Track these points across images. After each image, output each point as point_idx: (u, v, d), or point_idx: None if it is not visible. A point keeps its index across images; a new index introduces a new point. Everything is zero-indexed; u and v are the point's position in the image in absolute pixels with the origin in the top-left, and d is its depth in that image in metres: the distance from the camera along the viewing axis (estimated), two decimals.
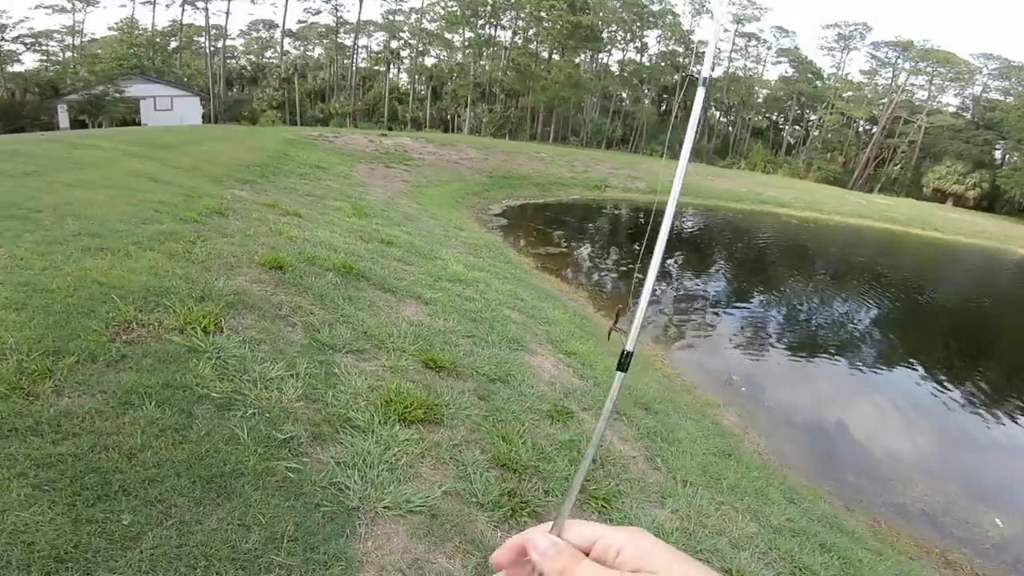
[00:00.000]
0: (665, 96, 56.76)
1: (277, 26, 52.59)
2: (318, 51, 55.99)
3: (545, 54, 49.26)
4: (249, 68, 52.61)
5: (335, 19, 50.45)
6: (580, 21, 43.82)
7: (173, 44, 46.27)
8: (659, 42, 54.39)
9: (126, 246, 3.59)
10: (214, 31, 48.29)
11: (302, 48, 55.53)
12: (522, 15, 47.66)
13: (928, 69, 49.21)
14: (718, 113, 58.67)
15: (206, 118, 37.23)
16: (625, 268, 13.49)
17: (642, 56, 54.28)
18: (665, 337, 9.27)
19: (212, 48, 48.80)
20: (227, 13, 47.20)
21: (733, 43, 54.94)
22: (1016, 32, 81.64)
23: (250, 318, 3.11)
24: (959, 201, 45.53)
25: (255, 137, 17.34)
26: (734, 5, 52.41)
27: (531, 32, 48.34)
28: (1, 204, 4.03)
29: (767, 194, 33.22)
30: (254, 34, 55.96)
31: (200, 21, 47.16)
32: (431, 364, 3.35)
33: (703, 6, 53.47)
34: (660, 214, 0.52)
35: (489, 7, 46.24)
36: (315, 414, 2.50)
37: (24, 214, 3.88)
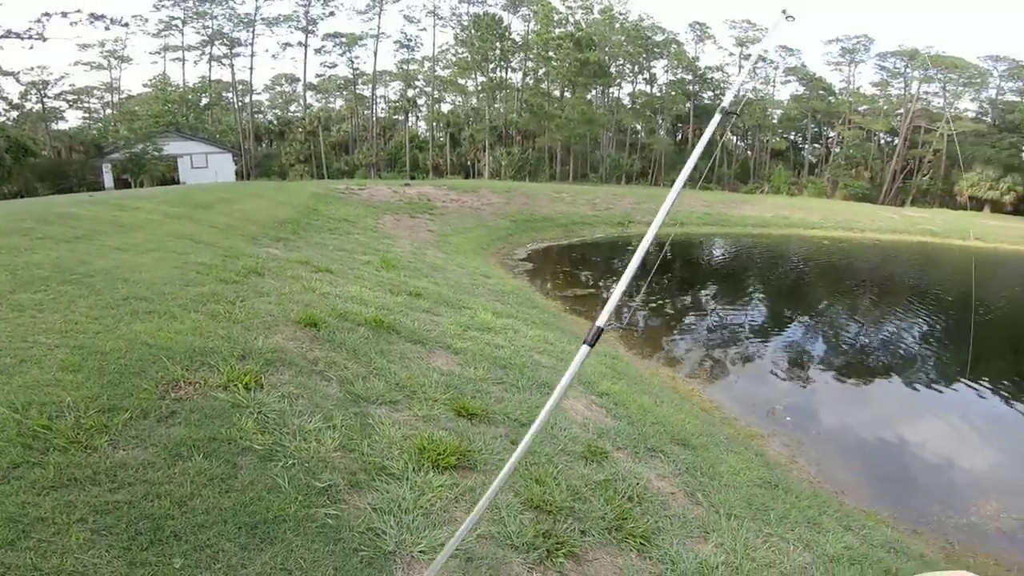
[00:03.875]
0: (680, 125, 57.24)
1: (299, 80, 55.33)
2: (339, 103, 58.66)
3: (557, 92, 50.59)
4: (275, 122, 54.91)
5: (352, 71, 52.88)
6: (588, 57, 44.97)
7: (204, 100, 48.87)
8: (667, 71, 55.28)
9: (172, 308, 3.79)
10: (240, 86, 51.10)
11: (323, 100, 58.32)
12: (531, 56, 49.35)
13: (939, 76, 48.54)
14: (735, 138, 58.68)
15: (238, 174, 38.75)
16: (655, 304, 13.36)
17: (652, 87, 55.23)
18: (702, 370, 9.08)
19: (240, 103, 51.62)
20: (251, 68, 49.90)
21: (739, 67, 55.55)
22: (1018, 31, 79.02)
23: (288, 374, 3.25)
24: (996, 207, 43.91)
25: (285, 193, 18.05)
26: (736, 28, 53.49)
27: (541, 72, 49.86)
28: (57, 269, 4.29)
29: (795, 217, 32.74)
30: (278, 88, 59.07)
31: (227, 77, 50.17)
32: (463, 412, 3.41)
33: (705, 32, 54.52)
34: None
35: (498, 51, 48.06)
36: (352, 463, 2.58)
37: (78, 279, 4.11)
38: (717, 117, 1.80)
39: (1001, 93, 50.03)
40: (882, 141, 54.00)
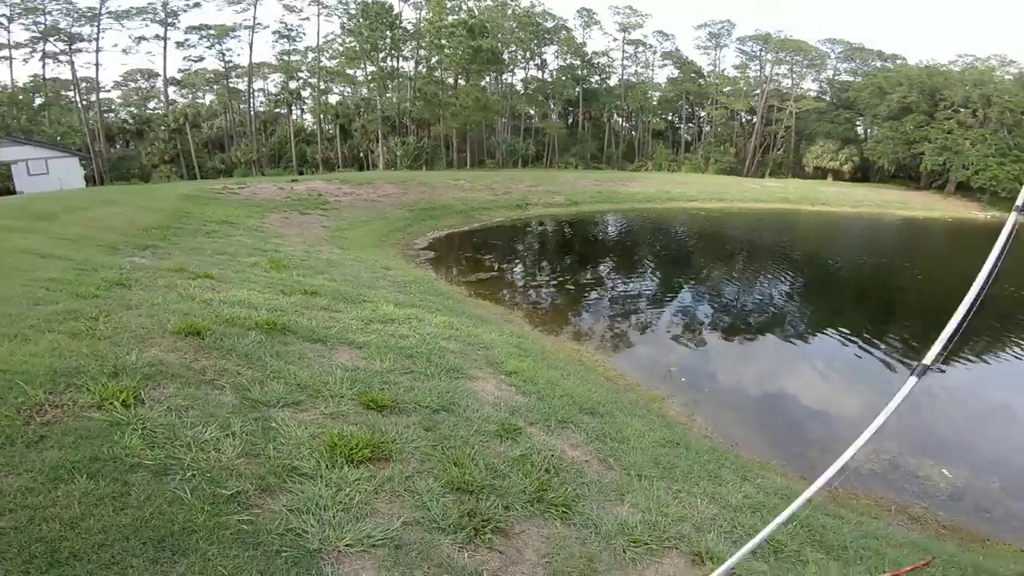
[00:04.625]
0: (570, 109, 59.17)
1: (158, 75, 49.50)
2: (209, 98, 53.45)
3: (451, 80, 49.97)
4: (132, 121, 48.89)
5: (223, 64, 48.36)
6: (480, 45, 44.88)
7: (38, 100, 42.41)
8: (557, 57, 56.69)
9: (22, 330, 3.34)
10: (84, 84, 44.69)
11: (190, 96, 52.82)
12: (423, 44, 48.17)
13: (787, 58, 54.68)
14: (620, 119, 61.91)
15: (90, 179, 34.33)
16: (556, 282, 13.80)
17: (543, 72, 56.43)
18: (603, 342, 9.57)
19: (85, 102, 45.24)
20: (97, 65, 43.57)
21: (623, 51, 58.61)
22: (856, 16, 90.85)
23: (172, 387, 2.99)
24: (837, 176, 50.63)
25: (149, 196, 16.38)
26: (619, 15, 56.16)
27: (434, 60, 48.88)
28: None
29: (675, 191, 35.37)
30: (132, 85, 52.36)
31: (65, 75, 43.63)
32: (372, 405, 3.34)
33: (591, 19, 56.64)
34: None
35: (389, 39, 46.35)
36: (258, 468, 2.46)
37: None
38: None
39: (837, 73, 57.43)
40: (744, 120, 59.69)
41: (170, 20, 44.39)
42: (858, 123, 53.74)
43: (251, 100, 50.45)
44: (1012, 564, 4.06)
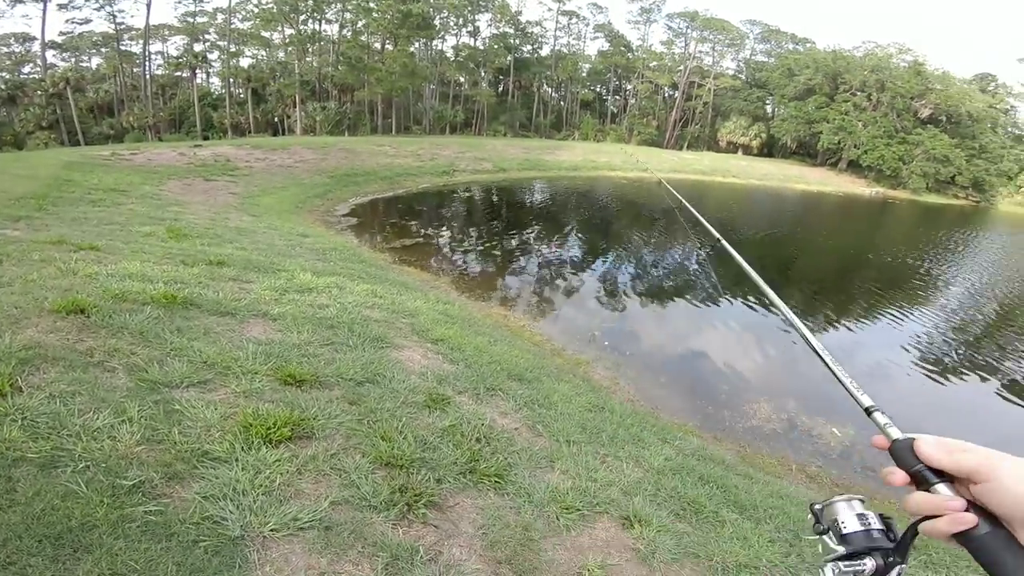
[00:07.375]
0: (501, 77, 58.26)
1: (35, 39, 43.76)
2: (96, 61, 47.88)
3: (377, 45, 47.33)
4: (3, 87, 43.34)
5: (114, 27, 43.18)
6: (411, 10, 42.70)
7: None
8: (490, 25, 55.46)
9: None
10: None
11: (73, 60, 46.98)
12: (349, 7, 45.04)
13: (710, 37, 56.97)
14: (550, 89, 61.88)
15: None
16: (483, 248, 13.74)
17: (475, 40, 55.00)
18: (529, 307, 9.68)
19: None
20: None
21: (557, 21, 58.21)
22: None
23: (54, 372, 2.65)
24: (747, 150, 54.01)
25: (24, 164, 14.42)
26: None
27: (360, 24, 45.97)
28: None
29: (600, 160, 36.14)
30: (4, 49, 46.12)
31: None
32: (290, 380, 3.14)
33: None
34: None
35: (311, 1, 42.92)
36: (163, 455, 2.26)
37: None
38: None
39: (754, 54, 60.47)
40: (666, 94, 61.63)
41: None
42: (767, 102, 57.23)
43: (147, 63, 45.50)
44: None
